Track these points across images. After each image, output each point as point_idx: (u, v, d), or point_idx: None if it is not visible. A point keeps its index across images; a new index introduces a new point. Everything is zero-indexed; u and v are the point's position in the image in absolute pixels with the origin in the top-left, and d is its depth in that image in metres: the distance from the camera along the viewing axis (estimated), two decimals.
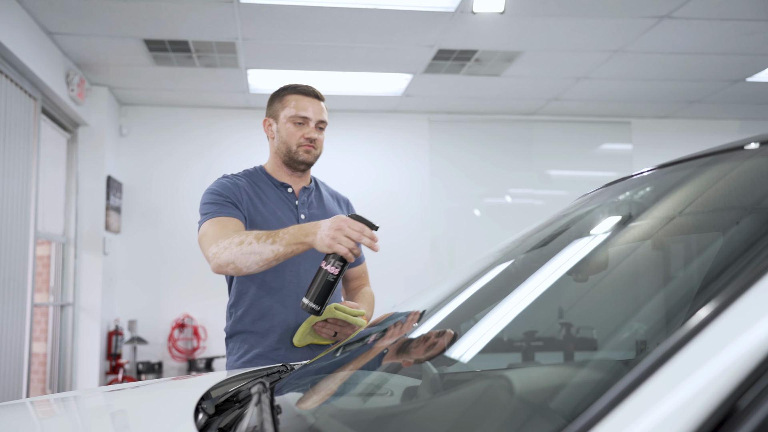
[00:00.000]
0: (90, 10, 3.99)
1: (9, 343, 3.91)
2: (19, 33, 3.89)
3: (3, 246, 3.82)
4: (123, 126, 5.99)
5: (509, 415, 0.79)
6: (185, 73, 5.18)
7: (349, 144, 6.33)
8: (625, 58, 4.92)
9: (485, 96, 5.93)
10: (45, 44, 4.35)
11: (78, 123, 5.32)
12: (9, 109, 3.96)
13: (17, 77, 4.05)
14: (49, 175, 4.87)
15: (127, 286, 5.87)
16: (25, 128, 4.23)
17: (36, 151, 4.38)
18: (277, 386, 1.18)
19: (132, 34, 4.39)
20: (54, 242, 5.16)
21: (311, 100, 2.00)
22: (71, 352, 5.25)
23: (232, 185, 1.95)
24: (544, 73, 5.28)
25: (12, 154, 3.99)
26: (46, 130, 4.78)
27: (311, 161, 2.01)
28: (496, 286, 1.30)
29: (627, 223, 1.21)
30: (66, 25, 4.24)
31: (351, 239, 1.58)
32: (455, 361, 1.09)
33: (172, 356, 5.81)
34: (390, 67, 5.12)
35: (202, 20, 4.15)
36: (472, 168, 6.51)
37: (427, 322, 1.28)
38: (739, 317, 0.60)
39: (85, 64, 4.98)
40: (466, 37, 4.48)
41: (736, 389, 0.54)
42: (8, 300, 3.89)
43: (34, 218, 4.30)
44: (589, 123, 6.66)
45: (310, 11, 4.05)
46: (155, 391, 1.50)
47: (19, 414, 1.31)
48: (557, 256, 1.23)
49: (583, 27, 4.33)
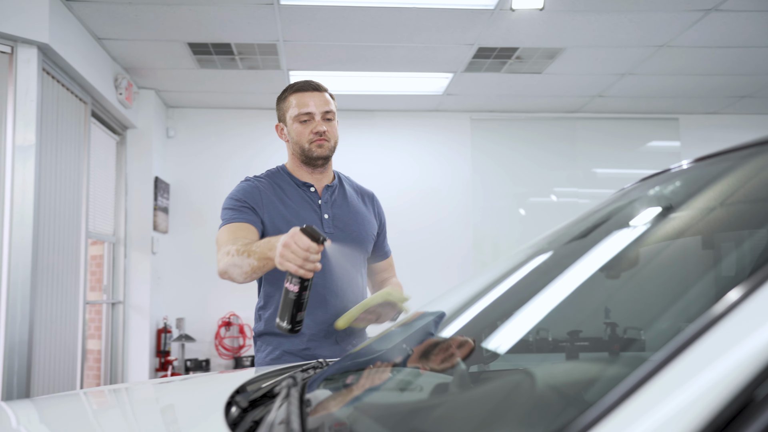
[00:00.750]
0: (136, 15, 4.10)
1: (64, 338, 4.05)
2: (70, 40, 4.02)
3: (57, 246, 3.96)
4: (170, 128, 6.13)
5: (528, 409, 0.80)
6: (229, 75, 5.27)
7: (391, 143, 6.36)
8: (671, 53, 4.82)
9: (527, 94, 5.88)
10: (94, 50, 4.48)
11: (126, 126, 5.47)
12: (61, 113, 4.10)
13: (68, 82, 4.19)
14: (100, 177, 5.02)
15: (174, 285, 6.01)
16: (77, 131, 4.37)
17: (87, 153, 4.52)
18: (309, 381, 1.20)
19: (176, 38, 4.49)
20: (105, 242, 5.32)
21: (311, 94, 1.97)
22: (123, 348, 5.40)
23: (252, 189, 1.96)
24: (586, 69, 5.21)
25: (64, 157, 4.13)
26: (96, 133, 4.92)
27: (326, 154, 1.98)
28: (531, 283, 1.30)
29: (668, 216, 1.19)
30: (114, 31, 4.36)
31: (296, 256, 1.48)
32: (490, 359, 1.10)
33: (219, 354, 5.92)
34: (430, 66, 5.12)
35: (244, 23, 4.22)
36: (514, 166, 6.46)
37: (459, 321, 1.28)
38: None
39: (133, 68, 5.12)
40: (506, 35, 4.46)
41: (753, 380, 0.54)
42: (62, 297, 4.03)
43: (86, 219, 4.44)
44: (635, 120, 6.54)
45: (350, 11, 4.08)
46: (195, 384, 1.54)
47: (72, 403, 1.38)
48: (595, 253, 1.21)
49: (625, 22, 4.25)
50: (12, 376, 3.41)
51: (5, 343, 3.41)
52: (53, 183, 3.94)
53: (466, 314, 1.31)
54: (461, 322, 1.28)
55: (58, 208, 4.01)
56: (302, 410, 0.96)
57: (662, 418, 0.54)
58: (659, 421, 0.54)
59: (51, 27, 3.68)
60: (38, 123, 3.65)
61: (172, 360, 5.63)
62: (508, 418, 0.80)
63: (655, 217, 1.23)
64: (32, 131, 3.60)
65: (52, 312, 3.88)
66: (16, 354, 3.44)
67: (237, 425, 1.01)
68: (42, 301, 3.73)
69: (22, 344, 3.46)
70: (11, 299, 3.45)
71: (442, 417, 0.92)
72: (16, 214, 3.51)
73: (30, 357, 3.52)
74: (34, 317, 3.60)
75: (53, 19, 3.73)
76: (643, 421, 0.55)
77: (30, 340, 3.52)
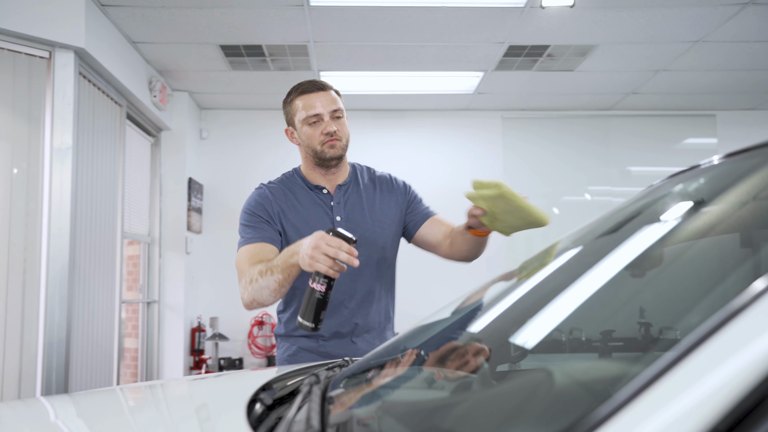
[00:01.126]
0: (169, 19, 4.17)
1: (101, 336, 4.14)
2: (106, 44, 4.10)
3: (93, 246, 4.05)
4: (203, 129, 6.22)
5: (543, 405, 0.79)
6: (260, 76, 5.33)
7: (422, 143, 6.36)
8: (707, 48, 4.72)
9: (559, 92, 5.82)
10: (129, 53, 4.57)
11: (161, 127, 5.56)
12: (97, 116, 4.19)
13: (104, 85, 4.28)
14: (135, 178, 5.11)
15: (208, 285, 6.09)
16: (112, 134, 4.46)
17: (122, 155, 4.61)
18: (333, 380, 1.21)
19: (208, 41, 4.55)
20: (141, 242, 5.41)
21: (317, 94, 1.92)
22: (158, 347, 5.49)
23: (263, 200, 1.96)
24: (620, 66, 5.14)
25: (100, 159, 4.22)
26: (132, 135, 5.02)
27: (339, 154, 1.94)
28: (559, 281, 1.28)
29: (700, 212, 1.17)
30: (148, 35, 4.44)
31: (329, 256, 1.52)
32: (519, 357, 1.09)
33: (252, 353, 5.99)
34: (460, 65, 5.10)
35: (274, 24, 4.26)
36: (547, 165, 6.40)
37: (485, 319, 1.28)
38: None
39: (167, 71, 5.20)
40: (537, 32, 4.42)
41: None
42: (99, 296, 4.11)
43: (121, 219, 4.53)
44: (671, 117, 6.42)
45: (379, 11, 4.09)
46: (224, 381, 1.56)
47: (104, 397, 1.41)
48: (625, 249, 1.19)
49: (659, 18, 4.19)
50: (51, 372, 3.50)
51: (44, 340, 3.49)
52: (90, 184, 4.02)
53: (491, 312, 1.31)
54: (487, 320, 1.27)
55: (95, 208, 4.10)
56: (323, 408, 0.97)
57: (674, 415, 0.53)
58: (671, 417, 0.53)
59: (87, 32, 3.77)
60: (75, 126, 3.74)
61: (206, 358, 5.71)
62: (520, 416, 0.80)
63: (686, 212, 1.21)
64: (69, 134, 3.69)
65: (88, 310, 3.96)
66: (55, 351, 3.52)
67: (261, 422, 1.02)
68: (79, 299, 3.82)
69: (60, 342, 3.55)
70: (50, 298, 3.54)
71: (463, 415, 0.91)
72: (54, 214, 3.60)
73: (68, 354, 3.61)
74: (72, 315, 3.68)
75: (89, 24, 3.81)
76: (655, 417, 0.54)
77: (68, 338, 3.60)
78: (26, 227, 3.56)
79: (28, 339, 3.49)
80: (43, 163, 3.63)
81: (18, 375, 3.44)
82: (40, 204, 3.60)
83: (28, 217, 3.57)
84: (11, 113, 3.58)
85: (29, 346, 3.48)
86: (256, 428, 0.97)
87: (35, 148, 3.63)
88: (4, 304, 3.44)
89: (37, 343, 3.49)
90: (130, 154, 4.96)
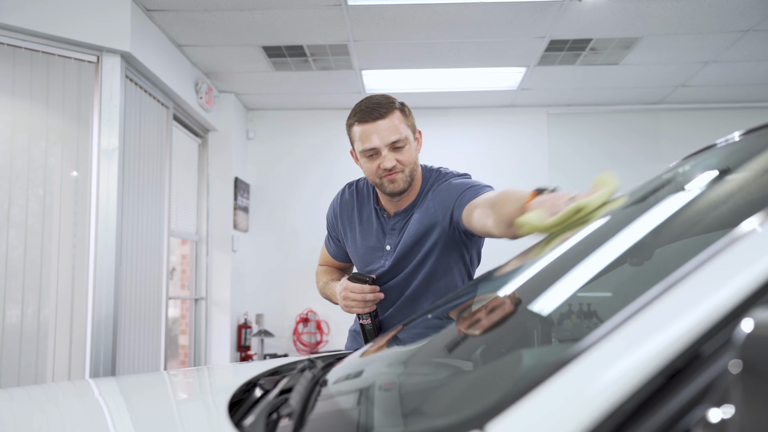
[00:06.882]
0: (213, 22, 4.27)
1: (149, 331, 4.28)
2: (153, 48, 4.23)
3: (140, 244, 4.18)
4: (249, 130, 6.34)
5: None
6: (303, 76, 5.40)
7: (467, 140, 6.33)
8: (758, 38, 4.56)
9: (605, 86, 5.71)
10: (175, 56, 4.70)
11: (208, 128, 5.69)
12: (144, 118, 4.32)
13: (151, 88, 4.41)
14: (183, 178, 5.25)
15: (254, 282, 6.20)
16: (159, 135, 4.60)
17: (169, 155, 4.74)
18: (325, 366, 1.23)
19: (251, 42, 4.64)
20: (189, 241, 5.56)
21: (373, 125, 1.77)
22: (206, 343, 5.63)
23: (333, 217, 2.08)
24: (667, 58, 5.01)
25: (147, 159, 4.35)
26: (179, 136, 5.15)
27: (401, 188, 1.82)
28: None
29: (723, 182, 1.14)
30: (193, 38, 4.56)
31: (357, 301, 1.84)
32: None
33: (297, 349, 6.07)
34: (501, 60, 5.06)
35: (314, 25, 4.31)
36: (594, 162, 6.27)
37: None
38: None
39: (212, 73, 5.32)
40: (578, 26, 4.35)
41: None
42: (145, 292, 4.25)
43: (168, 218, 4.66)
44: (723, 109, 6.22)
45: (416, 9, 4.10)
46: (257, 367, 1.61)
47: (139, 380, 1.49)
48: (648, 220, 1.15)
49: (705, 7, 4.07)
50: (98, 365, 3.63)
51: (92, 332, 3.63)
52: (136, 183, 4.15)
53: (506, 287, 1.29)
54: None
55: (141, 207, 4.23)
56: (309, 394, 0.99)
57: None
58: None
59: (133, 36, 3.89)
60: (121, 127, 3.87)
61: (252, 354, 5.81)
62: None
63: (708, 185, 1.17)
64: (115, 135, 3.82)
65: (135, 306, 4.09)
66: (102, 345, 3.65)
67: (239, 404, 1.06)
68: (126, 295, 3.95)
69: (107, 335, 3.68)
70: (97, 295, 3.67)
71: (446, 396, 0.91)
72: (101, 213, 3.74)
73: (114, 347, 3.73)
74: (119, 311, 3.81)
75: (135, 29, 3.93)
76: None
77: (114, 332, 3.73)
78: (75, 225, 3.70)
79: (77, 333, 3.63)
80: (91, 164, 3.77)
81: (67, 370, 3.58)
82: (87, 203, 3.74)
83: (77, 215, 3.71)
84: (62, 116, 3.73)
85: (78, 339, 3.62)
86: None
87: (84, 149, 3.78)
88: (54, 299, 3.58)
89: (86, 336, 3.63)
90: (178, 155, 5.09)
